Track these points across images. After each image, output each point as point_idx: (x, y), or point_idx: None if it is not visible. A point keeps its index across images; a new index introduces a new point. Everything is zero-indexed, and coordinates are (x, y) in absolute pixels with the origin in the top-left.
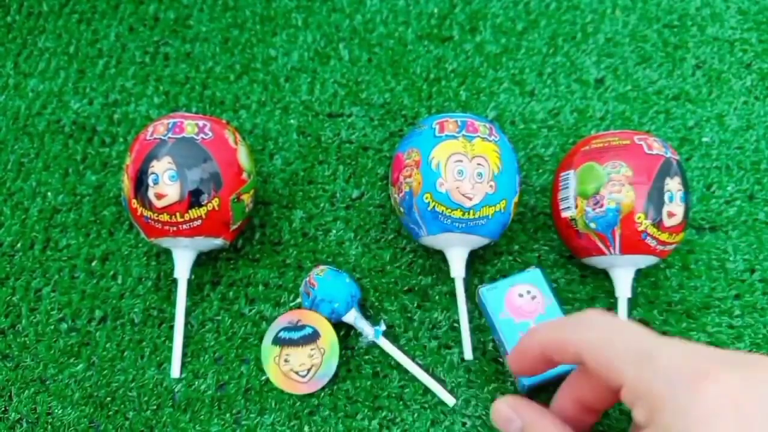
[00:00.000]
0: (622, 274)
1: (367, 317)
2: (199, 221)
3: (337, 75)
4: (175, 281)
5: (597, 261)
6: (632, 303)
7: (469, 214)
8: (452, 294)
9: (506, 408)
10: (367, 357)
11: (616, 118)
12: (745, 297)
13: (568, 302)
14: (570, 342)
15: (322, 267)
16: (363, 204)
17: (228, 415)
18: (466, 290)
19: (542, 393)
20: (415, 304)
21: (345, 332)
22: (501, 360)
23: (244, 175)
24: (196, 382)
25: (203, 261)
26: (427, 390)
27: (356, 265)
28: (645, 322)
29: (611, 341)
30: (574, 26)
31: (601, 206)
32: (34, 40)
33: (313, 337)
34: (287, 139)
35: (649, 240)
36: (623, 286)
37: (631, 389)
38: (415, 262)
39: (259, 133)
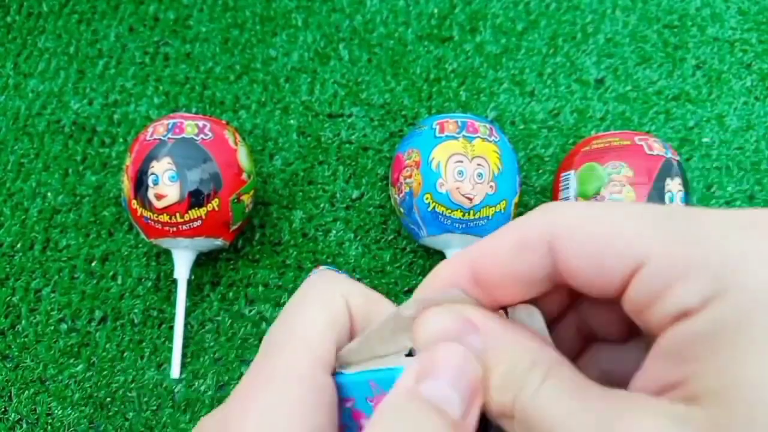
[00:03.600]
0: None
1: None
2: (199, 222)
3: (337, 75)
4: (174, 282)
5: None
6: None
7: (469, 214)
8: None
9: (451, 319)
10: None
11: (616, 119)
12: None
13: None
14: (537, 230)
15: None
16: (363, 204)
17: None
18: None
19: None
20: None
21: None
22: None
23: (244, 176)
24: (196, 383)
25: (203, 261)
26: None
27: (356, 265)
28: None
29: (608, 215)
30: (574, 26)
31: None
32: (34, 40)
33: None
34: (287, 140)
35: None
36: None
37: (665, 264)
38: (415, 263)
39: (259, 133)
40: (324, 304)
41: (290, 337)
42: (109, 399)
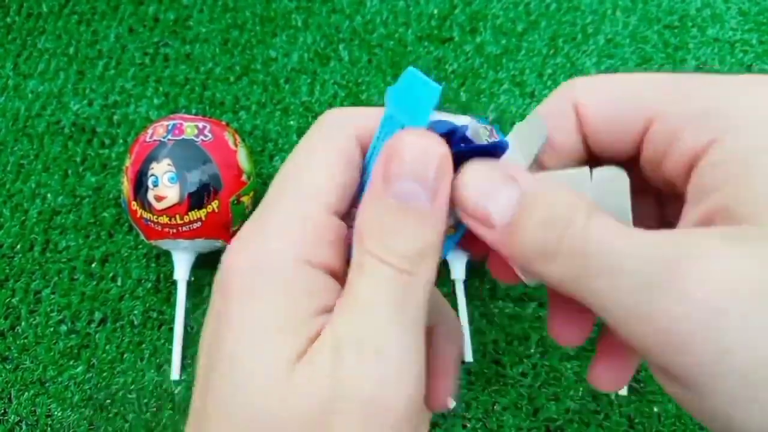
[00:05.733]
0: None
1: None
2: (199, 223)
3: (337, 76)
4: (174, 283)
5: None
6: None
7: None
8: (452, 296)
9: (488, 172)
10: None
11: None
12: None
13: None
14: (565, 101)
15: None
16: None
17: None
18: (467, 292)
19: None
20: None
21: None
22: (502, 362)
23: (244, 177)
24: None
25: (203, 263)
26: None
27: None
28: None
29: (623, 80)
30: (574, 27)
31: None
32: (34, 41)
33: None
34: (287, 141)
35: None
36: None
37: (671, 117)
38: None
39: (258, 134)
40: (332, 145)
41: (296, 184)
42: (108, 401)
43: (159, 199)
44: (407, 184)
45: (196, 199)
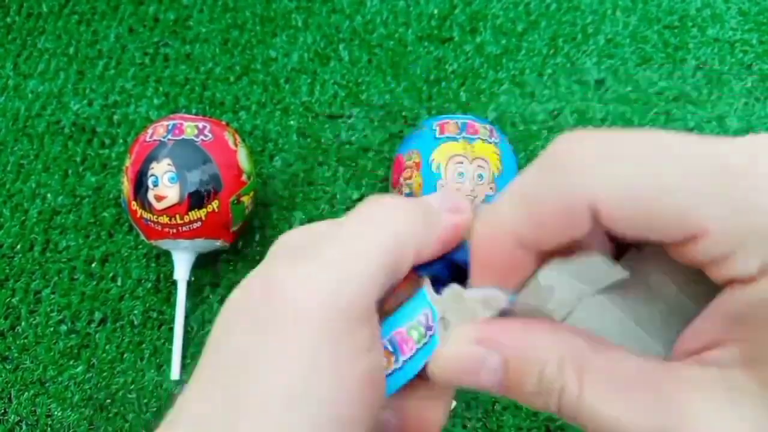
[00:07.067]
0: None
1: None
2: (199, 223)
3: (337, 76)
4: (174, 283)
5: None
6: None
7: None
8: None
9: (471, 345)
10: None
11: (616, 120)
12: None
13: None
14: (580, 198)
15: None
16: None
17: None
18: None
19: None
20: None
21: None
22: None
23: (244, 177)
24: None
25: (203, 263)
26: None
27: None
28: None
29: (655, 176)
30: (574, 27)
31: None
32: (34, 41)
33: None
34: (287, 141)
35: None
36: None
37: (723, 236)
38: None
39: (258, 134)
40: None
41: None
42: (108, 401)
43: (159, 199)
44: (433, 196)
45: (196, 199)
